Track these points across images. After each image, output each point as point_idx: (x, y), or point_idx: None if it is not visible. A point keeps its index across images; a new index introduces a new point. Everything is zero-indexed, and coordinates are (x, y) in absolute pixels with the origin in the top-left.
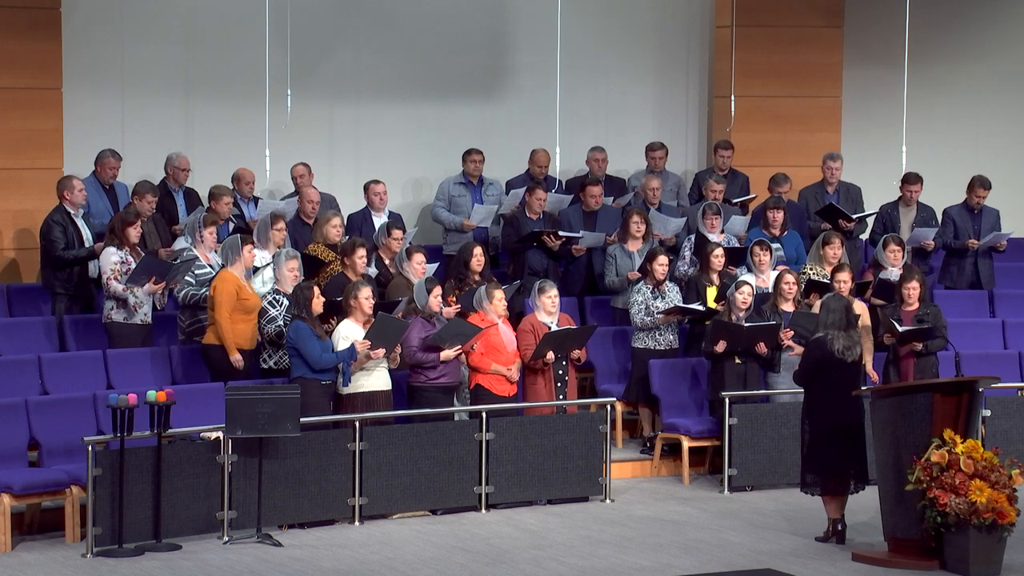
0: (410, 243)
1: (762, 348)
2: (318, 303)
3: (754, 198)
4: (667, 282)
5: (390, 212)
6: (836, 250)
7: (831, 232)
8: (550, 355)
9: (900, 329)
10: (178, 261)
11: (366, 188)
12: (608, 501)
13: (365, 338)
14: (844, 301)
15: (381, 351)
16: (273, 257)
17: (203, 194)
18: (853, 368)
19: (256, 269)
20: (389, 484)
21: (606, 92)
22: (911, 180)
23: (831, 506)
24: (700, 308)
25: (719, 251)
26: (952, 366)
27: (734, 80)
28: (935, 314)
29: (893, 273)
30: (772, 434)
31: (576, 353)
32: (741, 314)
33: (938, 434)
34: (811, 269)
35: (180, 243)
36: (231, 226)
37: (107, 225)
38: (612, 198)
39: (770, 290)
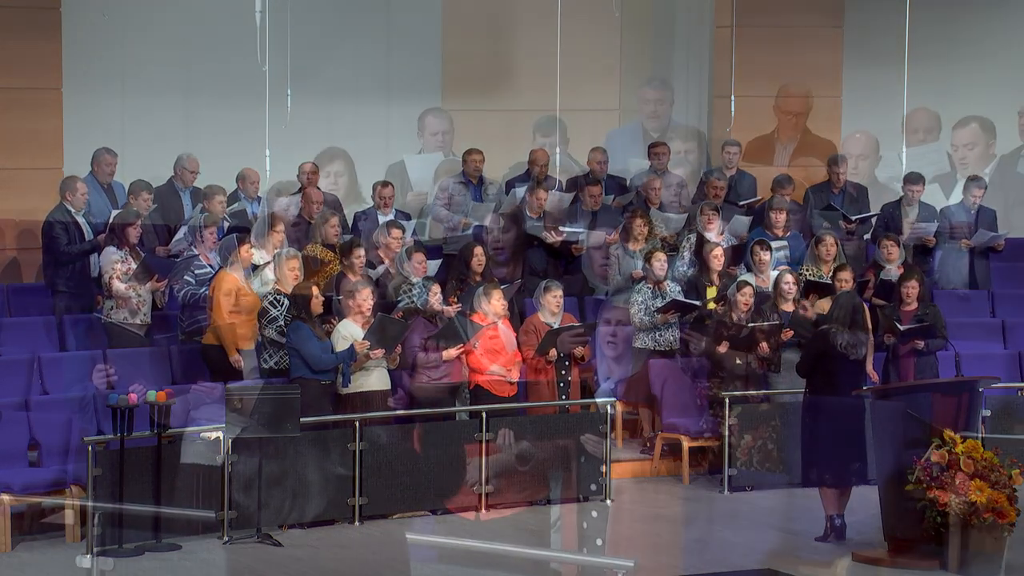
0: (412, 239)
1: (764, 348)
2: (317, 303)
3: (759, 200)
4: (668, 282)
5: (397, 211)
6: (830, 248)
7: (824, 232)
8: (552, 352)
9: (902, 327)
10: (179, 260)
11: (373, 189)
12: (608, 501)
13: (364, 338)
14: (855, 300)
15: (381, 351)
16: (274, 257)
17: None
18: (854, 365)
19: (255, 267)
20: (389, 484)
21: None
22: (913, 180)
23: (831, 501)
24: (696, 302)
25: (719, 251)
26: (952, 366)
27: (734, 80)
28: (934, 314)
29: (893, 272)
30: (772, 434)
31: (580, 351)
32: (743, 314)
33: (938, 434)
34: (807, 270)
35: (178, 237)
36: (226, 226)
37: (106, 224)
38: (613, 197)
39: (770, 290)
